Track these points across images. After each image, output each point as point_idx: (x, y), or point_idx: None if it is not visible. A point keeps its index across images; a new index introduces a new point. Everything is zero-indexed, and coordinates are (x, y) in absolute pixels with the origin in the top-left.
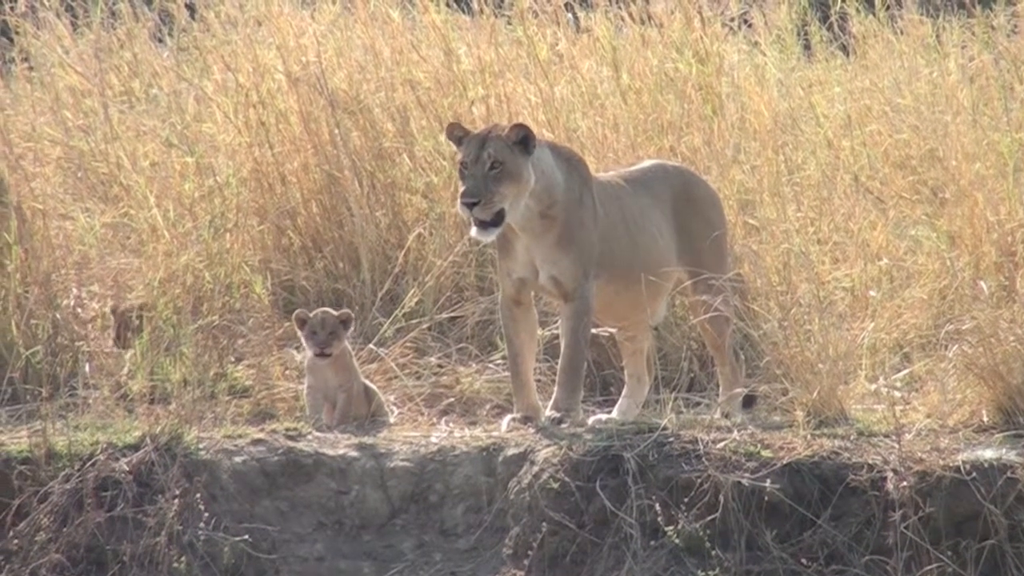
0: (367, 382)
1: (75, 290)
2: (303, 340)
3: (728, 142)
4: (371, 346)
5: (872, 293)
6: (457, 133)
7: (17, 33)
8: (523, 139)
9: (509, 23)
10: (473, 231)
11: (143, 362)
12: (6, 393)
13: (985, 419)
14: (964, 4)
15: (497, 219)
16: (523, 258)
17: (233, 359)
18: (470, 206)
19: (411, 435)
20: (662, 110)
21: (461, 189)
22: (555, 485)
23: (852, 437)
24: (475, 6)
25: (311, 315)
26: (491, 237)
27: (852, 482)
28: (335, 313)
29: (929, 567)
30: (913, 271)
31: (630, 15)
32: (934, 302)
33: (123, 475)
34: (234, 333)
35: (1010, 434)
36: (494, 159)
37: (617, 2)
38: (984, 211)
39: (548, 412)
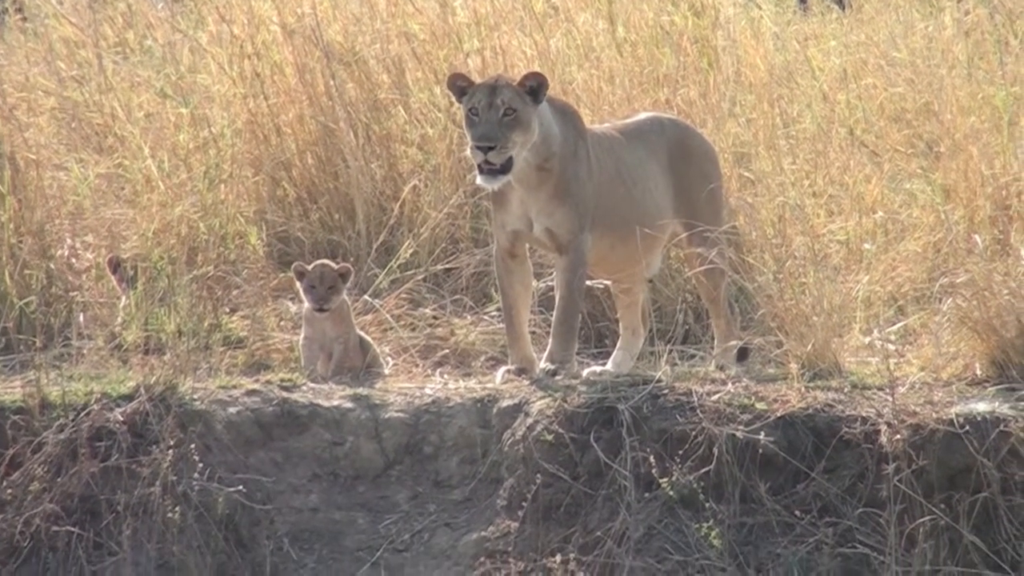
0: (362, 334)
1: (69, 240)
2: (301, 293)
3: (724, 95)
4: (366, 297)
5: (867, 246)
6: (460, 83)
7: None
8: (535, 88)
9: None
10: (479, 179)
11: (137, 312)
12: (0, 343)
13: (978, 372)
14: None
15: (506, 166)
16: (518, 210)
17: (228, 310)
18: (485, 150)
19: (406, 386)
20: (658, 63)
21: (471, 134)
22: (549, 437)
23: (846, 390)
24: None
25: (310, 268)
26: (497, 184)
27: (846, 435)
28: (334, 266)
29: (922, 520)
30: (908, 224)
31: None
32: (928, 255)
33: (117, 425)
34: (229, 284)
35: (1003, 387)
36: (508, 105)
37: None
38: (979, 165)
39: (543, 364)
